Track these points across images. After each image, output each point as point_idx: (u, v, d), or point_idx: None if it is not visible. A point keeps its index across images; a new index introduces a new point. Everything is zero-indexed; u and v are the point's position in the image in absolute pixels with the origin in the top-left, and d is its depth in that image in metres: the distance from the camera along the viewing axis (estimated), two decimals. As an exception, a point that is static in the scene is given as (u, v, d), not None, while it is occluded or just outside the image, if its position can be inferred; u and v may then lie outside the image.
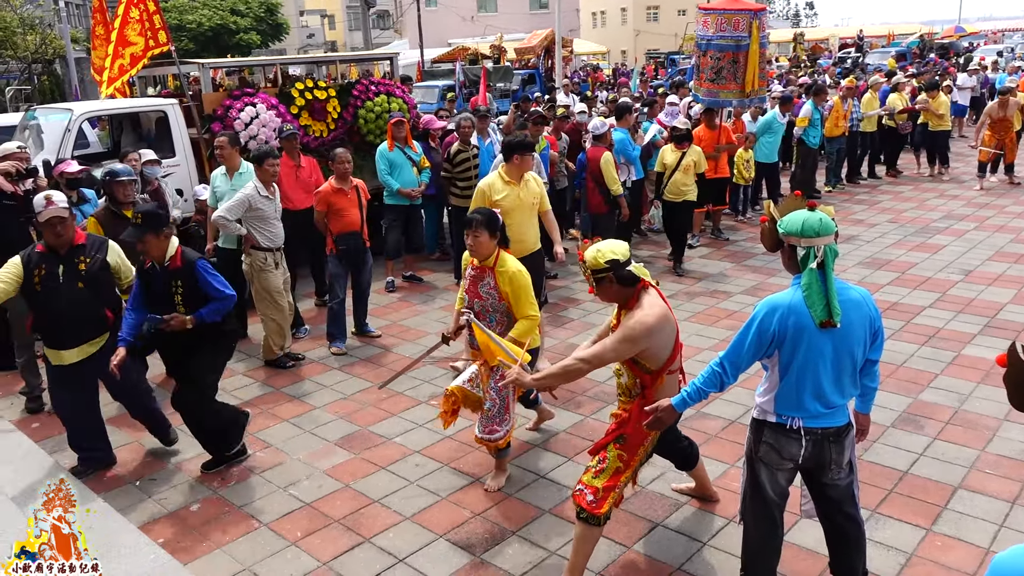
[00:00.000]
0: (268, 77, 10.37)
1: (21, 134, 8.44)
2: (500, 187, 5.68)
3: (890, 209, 11.36)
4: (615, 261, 3.40)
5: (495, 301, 4.30)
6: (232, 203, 5.98)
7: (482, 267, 4.29)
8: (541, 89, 22.07)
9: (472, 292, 4.36)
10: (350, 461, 4.84)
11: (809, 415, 3.07)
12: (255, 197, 6.03)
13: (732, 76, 9.50)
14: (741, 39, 9.33)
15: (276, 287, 6.22)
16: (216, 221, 6.01)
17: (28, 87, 25.13)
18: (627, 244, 3.54)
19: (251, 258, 6.17)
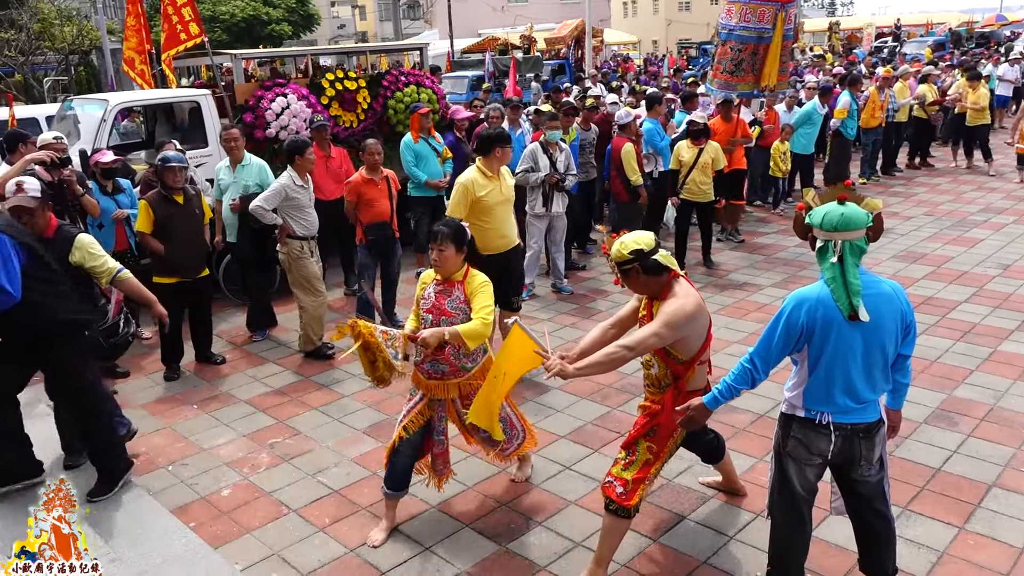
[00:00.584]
0: (299, 68, 10.47)
1: (58, 124, 8.59)
2: (483, 182, 5.57)
3: (926, 202, 11.16)
4: (639, 251, 3.38)
5: (465, 317, 3.82)
6: (269, 193, 6.06)
7: (450, 282, 3.89)
8: (570, 79, 21.94)
9: (436, 310, 3.86)
10: (378, 449, 4.87)
11: (839, 410, 3.03)
12: (291, 186, 6.10)
13: (751, 69, 9.14)
14: (764, 31, 8.95)
15: (315, 274, 6.31)
16: (254, 211, 6.06)
17: (65, 78, 25.56)
18: (653, 235, 3.52)
19: (287, 247, 6.23)
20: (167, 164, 5.84)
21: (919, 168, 13.55)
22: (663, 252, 3.43)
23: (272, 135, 7.93)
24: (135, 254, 6.77)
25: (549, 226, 7.58)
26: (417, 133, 7.92)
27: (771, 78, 9.18)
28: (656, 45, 51.94)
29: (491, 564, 3.76)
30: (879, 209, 3.06)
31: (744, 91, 9.30)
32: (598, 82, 16.78)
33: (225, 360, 6.41)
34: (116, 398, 5.72)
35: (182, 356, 6.25)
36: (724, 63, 9.24)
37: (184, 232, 5.94)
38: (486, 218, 5.59)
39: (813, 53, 23.28)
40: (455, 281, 3.87)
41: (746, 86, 9.27)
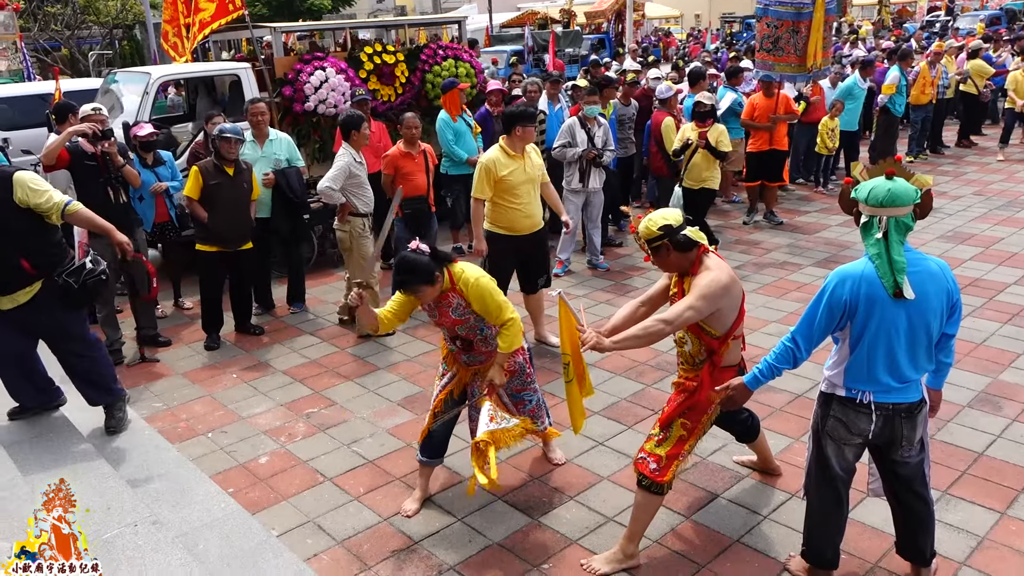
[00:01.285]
0: (338, 41, 10.46)
1: (102, 97, 8.73)
2: (505, 161, 5.45)
3: (976, 181, 10.84)
4: (668, 227, 3.33)
5: (476, 319, 3.73)
6: (335, 172, 5.96)
7: (443, 295, 3.69)
8: (610, 54, 21.70)
9: (448, 323, 3.75)
10: (412, 421, 4.92)
11: (881, 389, 2.97)
12: (353, 163, 6.06)
13: (792, 48, 8.41)
14: (803, 6, 8.28)
15: (372, 253, 6.28)
16: (323, 192, 5.98)
17: (109, 52, 25.92)
18: (679, 211, 3.47)
19: (350, 225, 6.16)
20: (223, 135, 5.93)
21: (969, 147, 13.15)
22: (691, 228, 3.38)
23: (311, 108, 7.96)
24: (175, 225, 6.89)
25: (586, 202, 7.51)
26: (457, 110, 7.83)
27: (816, 57, 8.56)
28: (698, 19, 50.96)
29: (523, 536, 3.78)
30: (929, 185, 2.98)
31: (785, 72, 8.68)
32: (637, 57, 16.52)
33: (264, 331, 6.50)
34: (158, 367, 5.87)
35: (222, 326, 6.35)
36: (762, 41, 8.69)
37: (229, 203, 6.02)
38: (510, 198, 5.51)
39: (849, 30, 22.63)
40: (447, 292, 3.69)
41: (787, 67, 8.57)
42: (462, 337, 3.82)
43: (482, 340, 3.81)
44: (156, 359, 6.01)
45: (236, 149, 6.02)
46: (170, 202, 6.76)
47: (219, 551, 3.66)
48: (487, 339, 3.82)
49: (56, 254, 4.44)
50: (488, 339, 3.82)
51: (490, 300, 3.66)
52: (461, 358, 3.94)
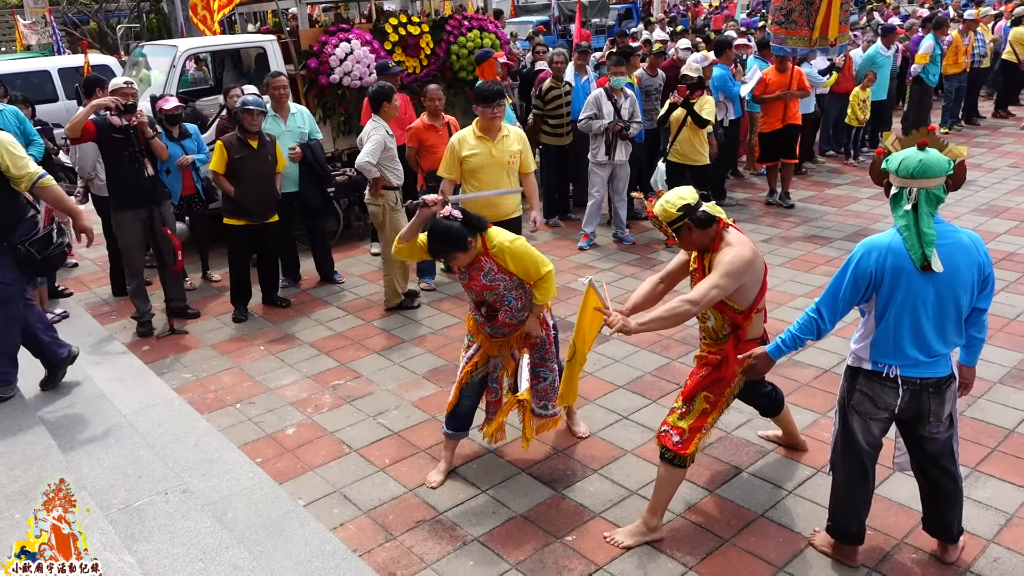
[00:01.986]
0: (363, 13, 10.39)
1: (130, 71, 8.78)
2: (471, 143, 5.24)
3: (1012, 153, 10.58)
4: (687, 206, 3.29)
5: (507, 282, 3.73)
6: (372, 146, 5.90)
7: (474, 259, 3.71)
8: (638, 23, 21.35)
9: (477, 287, 3.74)
10: (437, 394, 4.95)
11: (908, 363, 2.93)
12: (387, 137, 6.04)
13: (805, 20, 7.79)
14: None
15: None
16: (363, 167, 5.94)
17: (137, 25, 26.04)
18: (692, 188, 3.42)
19: (383, 199, 6.12)
20: (246, 107, 5.94)
21: (1007, 117, 12.82)
22: (709, 204, 3.34)
23: (336, 81, 7.95)
24: (203, 198, 6.94)
25: (611, 175, 7.45)
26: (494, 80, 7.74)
27: (832, 30, 7.89)
28: (728, -12, 49.92)
29: (546, 509, 3.80)
30: (963, 157, 2.91)
31: (799, 47, 8.10)
32: (665, 27, 16.25)
33: (290, 303, 6.56)
34: (187, 339, 5.95)
35: (250, 298, 6.42)
36: (774, 13, 8.05)
37: (255, 176, 6.04)
38: (473, 181, 5.30)
39: None
40: (479, 256, 3.70)
41: (800, 40, 7.95)
42: (488, 304, 3.81)
43: (507, 311, 3.81)
44: (185, 331, 6.09)
45: (259, 121, 6.03)
46: (196, 175, 6.81)
47: (247, 519, 3.73)
48: (512, 310, 3.82)
49: (13, 218, 4.42)
50: (513, 311, 3.82)
51: (528, 258, 3.70)
52: (485, 329, 3.95)
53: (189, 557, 3.41)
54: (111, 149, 5.65)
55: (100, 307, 6.71)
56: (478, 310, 3.88)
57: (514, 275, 3.73)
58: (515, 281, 3.76)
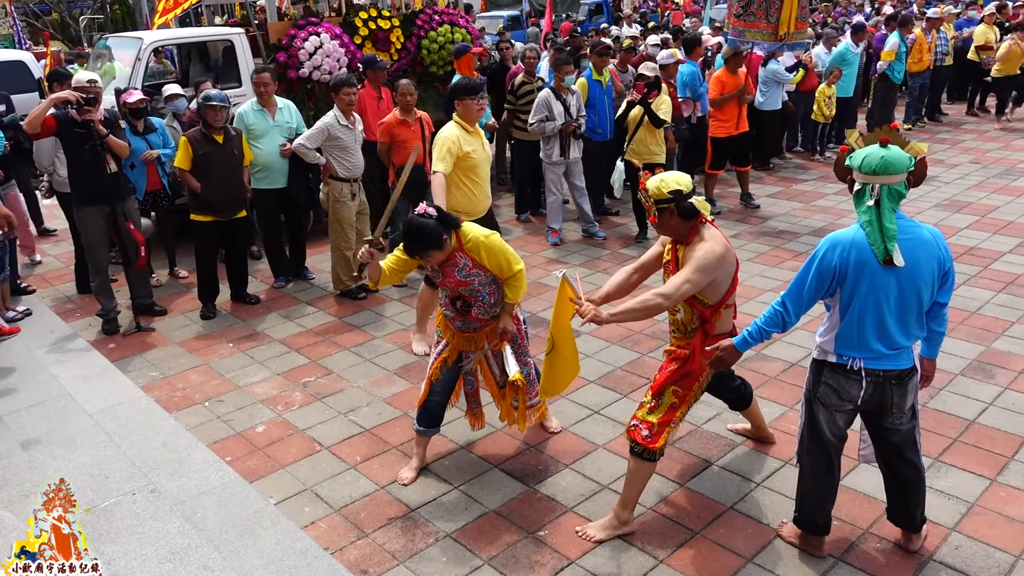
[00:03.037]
0: (332, 6, 10.29)
1: (94, 63, 8.62)
2: (468, 139, 5.20)
3: (973, 149, 10.80)
4: (678, 192, 3.32)
5: (482, 277, 3.74)
6: (312, 131, 6.02)
7: (449, 256, 3.71)
8: (608, 20, 21.44)
9: (452, 283, 3.77)
10: (409, 390, 4.94)
11: (871, 356, 2.99)
12: (334, 126, 6.06)
13: (763, 13, 7.57)
14: None
15: (349, 219, 6.30)
16: (297, 149, 6.06)
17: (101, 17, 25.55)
18: (690, 177, 3.46)
19: (329, 188, 6.23)
20: (208, 102, 5.86)
21: (978, 115, 13.04)
22: (697, 197, 3.37)
23: (305, 75, 7.87)
24: (168, 193, 6.84)
25: (566, 171, 7.47)
26: (472, 74, 7.73)
27: (789, 25, 7.65)
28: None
29: (519, 504, 3.82)
30: (924, 153, 2.97)
31: (757, 40, 7.83)
32: (633, 23, 16.33)
33: (260, 300, 6.50)
34: (153, 336, 5.88)
35: (217, 295, 6.34)
36: (733, 5, 7.78)
37: (222, 171, 5.97)
38: (473, 177, 5.27)
39: None
40: (454, 252, 3.70)
41: (758, 33, 7.71)
42: (463, 298, 3.82)
43: (480, 306, 3.82)
44: (152, 328, 6.01)
45: (222, 116, 5.95)
46: (162, 170, 6.71)
47: (217, 519, 3.70)
48: (485, 305, 3.83)
49: None
50: (487, 306, 3.84)
51: (502, 254, 3.72)
52: (455, 324, 3.95)
53: (158, 558, 3.38)
54: (72, 144, 5.54)
55: (64, 304, 6.59)
56: (452, 305, 3.88)
57: (488, 271, 3.74)
58: (489, 276, 3.77)
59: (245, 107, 6.50)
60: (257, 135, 6.40)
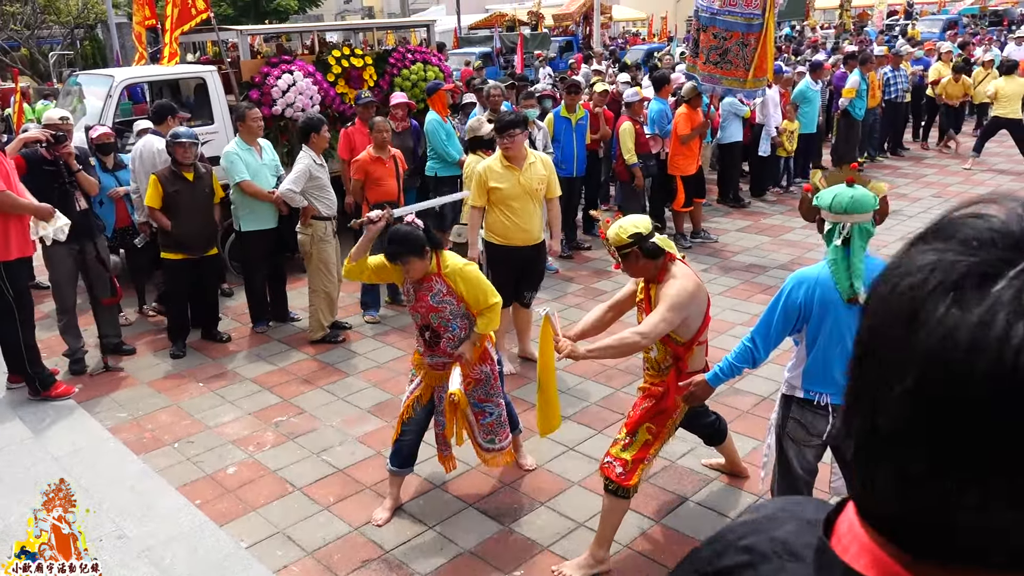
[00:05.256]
0: (305, 44, 10.40)
1: (64, 100, 8.58)
2: (499, 172, 5.26)
3: (935, 183, 11.08)
4: (638, 235, 3.37)
5: (454, 307, 3.80)
6: (296, 174, 5.91)
7: (426, 277, 3.78)
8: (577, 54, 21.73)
9: (423, 308, 3.81)
10: (382, 428, 4.90)
11: (837, 391, 3.04)
12: (313, 166, 6.01)
13: (740, 61, 7.69)
14: (753, 17, 7.61)
15: (333, 259, 6.21)
16: (284, 195, 5.94)
17: (71, 53, 25.45)
18: (648, 218, 3.51)
19: (312, 228, 6.08)
20: (177, 140, 5.84)
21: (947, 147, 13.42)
22: (660, 236, 3.43)
23: (278, 112, 7.90)
24: (137, 230, 6.78)
25: None
26: (445, 111, 7.81)
27: (768, 72, 7.95)
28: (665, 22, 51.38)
29: (494, 544, 3.79)
30: (884, 192, 3.06)
31: (732, 87, 8.01)
32: (602, 60, 16.62)
33: (231, 338, 6.43)
34: (122, 376, 5.79)
35: (188, 333, 6.27)
36: (707, 52, 7.84)
37: (192, 209, 5.94)
38: (505, 210, 5.35)
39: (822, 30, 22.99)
40: (431, 275, 3.77)
41: (734, 81, 7.88)
42: (432, 328, 3.84)
43: (449, 339, 3.84)
44: (120, 368, 5.92)
45: (192, 153, 5.92)
46: (131, 206, 6.66)
47: (187, 565, 3.63)
48: (455, 339, 3.85)
49: None
50: (456, 339, 3.86)
51: (479, 286, 3.81)
52: (426, 359, 3.95)
53: (125, 606, 3.30)
54: (42, 182, 5.47)
55: (29, 344, 6.46)
56: (421, 335, 3.90)
57: (461, 302, 3.78)
58: (461, 309, 3.81)
59: (233, 148, 6.17)
60: (252, 174, 6.14)
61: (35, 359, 5.36)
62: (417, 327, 3.92)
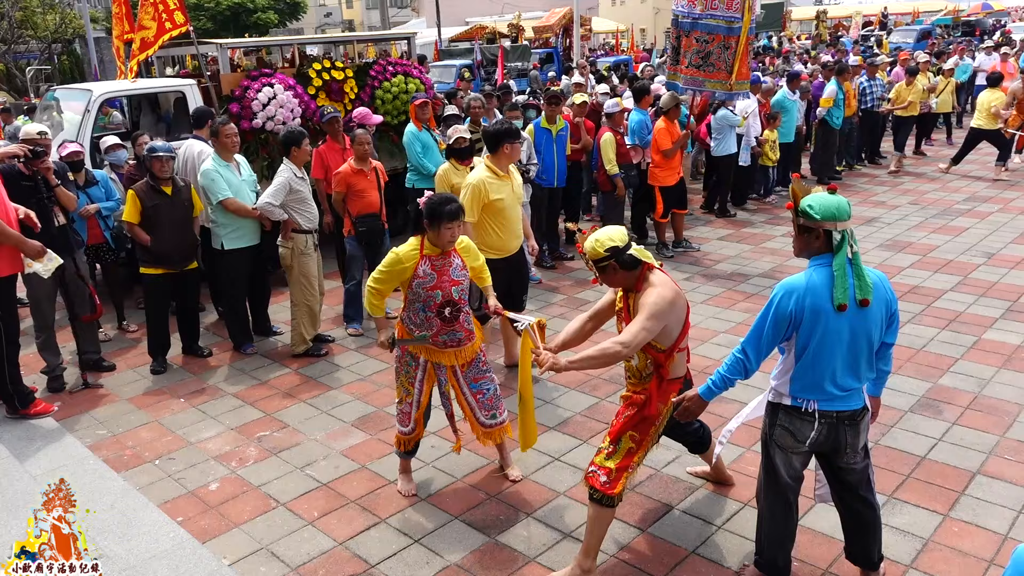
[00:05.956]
0: (286, 57, 10.38)
1: (41, 115, 8.50)
2: (495, 184, 5.27)
3: (912, 191, 11.21)
4: (615, 248, 3.39)
5: (466, 279, 4.08)
6: (275, 189, 5.86)
7: (446, 253, 3.98)
8: (558, 69, 21.89)
9: (447, 283, 3.96)
10: (366, 442, 4.87)
11: (825, 398, 3.06)
12: (293, 179, 5.95)
13: (722, 63, 7.80)
14: (734, 20, 7.72)
15: (315, 272, 6.16)
16: (263, 208, 5.88)
17: (48, 67, 25.27)
18: (624, 229, 3.52)
19: (292, 242, 6.02)
20: (154, 154, 5.79)
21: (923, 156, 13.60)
22: (637, 246, 3.45)
23: (259, 125, 7.87)
24: (111, 247, 6.72)
25: None
26: (420, 122, 7.80)
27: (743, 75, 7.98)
28: (644, 34, 51.84)
29: (480, 556, 3.77)
30: None
31: (715, 89, 8.07)
32: (585, 73, 16.70)
33: (212, 353, 6.37)
34: (101, 393, 5.72)
35: (168, 349, 6.21)
36: (689, 56, 7.89)
37: (171, 223, 5.89)
38: (501, 220, 5.36)
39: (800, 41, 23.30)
40: (450, 251, 4.02)
41: (718, 83, 7.95)
42: (455, 302, 3.98)
43: (467, 312, 4.11)
44: (99, 385, 5.84)
45: (169, 167, 5.86)
46: (104, 223, 6.60)
47: (169, 583, 3.57)
48: (468, 312, 4.14)
49: None
50: (467, 311, 4.13)
51: (474, 250, 4.20)
52: (440, 338, 4.04)
53: (105, 627, 3.24)
54: (20, 198, 5.41)
55: (7, 362, 6.37)
56: (440, 316, 3.97)
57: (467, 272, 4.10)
58: (468, 280, 4.11)
59: (212, 165, 6.00)
60: (233, 191, 6.00)
61: (17, 377, 5.28)
62: (435, 307, 3.96)
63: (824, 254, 3.02)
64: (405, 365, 4.17)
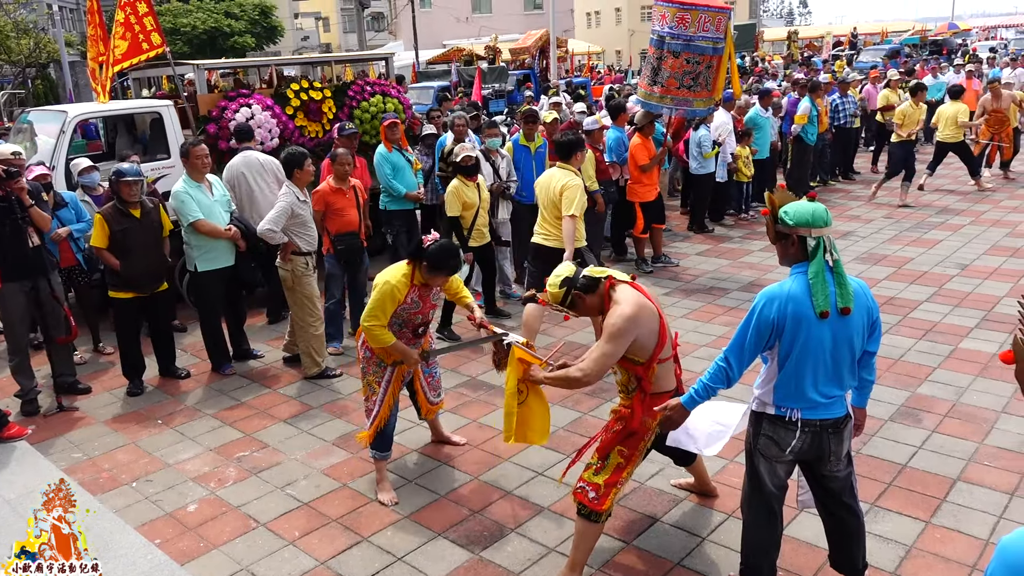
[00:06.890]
0: (263, 78, 10.36)
1: (15, 137, 8.42)
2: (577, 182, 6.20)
3: (885, 205, 11.38)
4: (567, 279, 3.45)
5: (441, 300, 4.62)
6: (276, 213, 5.77)
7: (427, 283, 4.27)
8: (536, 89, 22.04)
9: (427, 308, 4.35)
10: (348, 460, 4.82)
11: (808, 406, 3.07)
12: (296, 203, 5.89)
13: (705, 83, 8.03)
14: (719, 41, 7.93)
15: (316, 293, 6.10)
16: (264, 234, 5.80)
17: (22, 91, 25.07)
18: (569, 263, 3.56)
19: (292, 264, 5.94)
20: (122, 177, 5.70)
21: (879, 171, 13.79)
22: (589, 268, 3.48)
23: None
24: (84, 269, 6.64)
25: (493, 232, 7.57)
26: (389, 143, 7.79)
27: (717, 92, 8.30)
28: (619, 55, 52.42)
29: (464, 572, 3.73)
30: None
31: (699, 108, 8.33)
32: (563, 91, 16.84)
33: (189, 374, 6.29)
34: (77, 416, 5.62)
35: (144, 371, 6.12)
36: (680, 77, 8.01)
37: (141, 246, 5.80)
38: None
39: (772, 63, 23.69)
40: None
41: (703, 102, 8.22)
42: (427, 323, 4.46)
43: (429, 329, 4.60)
44: (75, 407, 5.75)
45: (137, 190, 5.76)
46: (76, 246, 6.52)
47: (146, 606, 3.50)
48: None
49: None
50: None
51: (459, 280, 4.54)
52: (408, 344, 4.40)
53: (81, 652, 3.16)
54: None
55: (-21, 386, 6.26)
56: (415, 331, 4.35)
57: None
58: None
59: (183, 187, 5.95)
60: (204, 212, 5.95)
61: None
62: (412, 327, 4.32)
63: (803, 262, 3.05)
64: (374, 365, 4.36)
